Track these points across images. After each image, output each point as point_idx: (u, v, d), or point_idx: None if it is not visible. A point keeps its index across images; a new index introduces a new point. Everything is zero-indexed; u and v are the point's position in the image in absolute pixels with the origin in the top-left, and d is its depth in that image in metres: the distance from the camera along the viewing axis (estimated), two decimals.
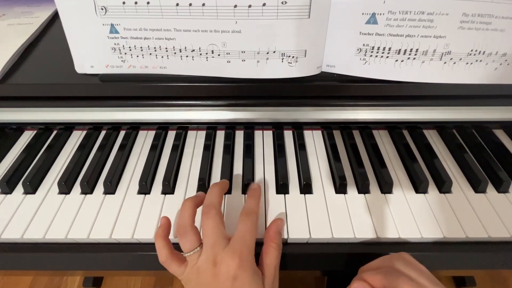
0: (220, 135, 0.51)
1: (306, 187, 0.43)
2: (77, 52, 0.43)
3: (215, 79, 0.43)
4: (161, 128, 0.52)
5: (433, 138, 0.51)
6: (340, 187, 0.43)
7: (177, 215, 0.41)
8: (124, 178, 0.46)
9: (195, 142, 0.51)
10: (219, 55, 0.40)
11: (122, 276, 0.93)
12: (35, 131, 0.53)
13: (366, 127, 0.52)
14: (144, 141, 0.51)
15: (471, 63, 0.39)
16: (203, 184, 0.44)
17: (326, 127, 0.52)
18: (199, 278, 0.33)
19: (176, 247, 0.36)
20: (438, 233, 0.38)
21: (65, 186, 0.43)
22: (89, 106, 0.47)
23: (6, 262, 0.40)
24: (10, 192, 0.44)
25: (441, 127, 0.52)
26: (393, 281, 0.30)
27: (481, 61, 0.39)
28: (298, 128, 0.52)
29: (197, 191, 0.44)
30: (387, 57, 0.39)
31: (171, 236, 0.38)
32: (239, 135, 0.52)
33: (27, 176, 0.45)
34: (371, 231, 0.39)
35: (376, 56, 0.40)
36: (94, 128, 0.53)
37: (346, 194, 0.43)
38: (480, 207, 0.41)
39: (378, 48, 0.39)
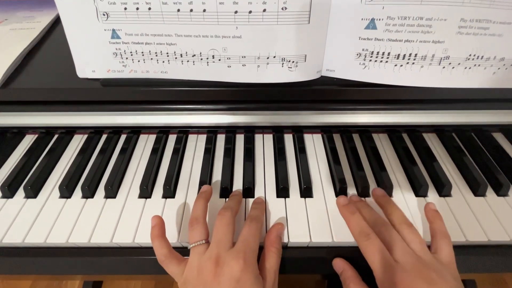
0: (221, 139, 0.52)
1: (306, 191, 0.43)
2: (79, 57, 0.43)
3: (216, 84, 0.43)
4: (162, 132, 0.53)
5: (433, 142, 0.52)
6: (340, 191, 0.43)
7: (177, 218, 0.41)
8: (125, 182, 0.46)
9: (195, 145, 0.51)
10: (219, 60, 0.41)
11: (121, 280, 0.93)
12: (36, 135, 0.53)
13: (365, 131, 0.52)
14: (145, 145, 0.51)
15: (470, 68, 0.40)
16: None
17: (326, 131, 0.52)
18: (200, 277, 0.32)
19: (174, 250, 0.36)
20: None
21: (66, 190, 0.44)
22: (90, 110, 0.47)
23: (7, 267, 0.40)
24: (11, 196, 0.44)
25: (440, 130, 0.53)
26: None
27: (479, 65, 0.39)
28: (298, 131, 0.52)
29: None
30: (386, 61, 0.40)
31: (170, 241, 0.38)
32: (240, 139, 0.52)
33: (28, 180, 0.45)
34: None
35: (376, 60, 0.40)
36: (95, 132, 0.53)
37: None
38: (480, 211, 0.41)
39: (378, 53, 0.39)
